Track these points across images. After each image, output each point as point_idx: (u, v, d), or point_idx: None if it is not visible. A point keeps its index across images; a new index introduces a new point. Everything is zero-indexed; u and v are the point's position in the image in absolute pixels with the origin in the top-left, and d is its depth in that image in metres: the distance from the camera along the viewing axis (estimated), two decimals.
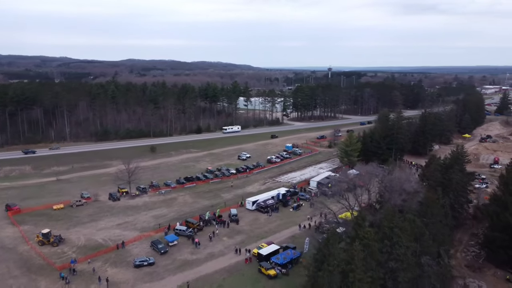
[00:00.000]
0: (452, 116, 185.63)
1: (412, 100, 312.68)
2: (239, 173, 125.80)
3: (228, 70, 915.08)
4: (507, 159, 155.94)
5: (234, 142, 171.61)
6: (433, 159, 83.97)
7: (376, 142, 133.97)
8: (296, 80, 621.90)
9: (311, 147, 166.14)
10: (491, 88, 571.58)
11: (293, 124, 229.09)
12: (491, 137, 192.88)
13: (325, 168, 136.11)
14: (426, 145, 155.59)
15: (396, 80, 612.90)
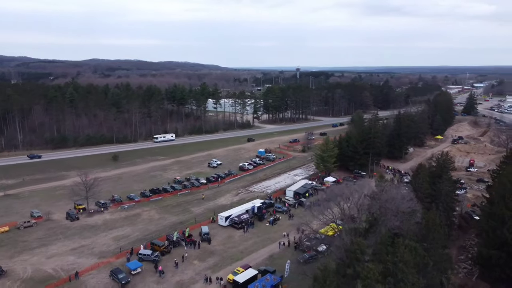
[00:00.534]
0: (425, 117, 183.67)
1: (382, 100, 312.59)
2: (210, 183, 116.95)
3: (196, 70, 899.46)
4: (481, 161, 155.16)
5: (203, 148, 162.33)
6: (421, 169, 78.24)
7: (353, 147, 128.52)
8: (265, 81, 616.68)
9: (284, 151, 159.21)
10: (454, 88, 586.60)
11: (264, 127, 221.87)
12: (463, 138, 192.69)
13: (300, 175, 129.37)
14: (402, 148, 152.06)
15: (363, 80, 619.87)
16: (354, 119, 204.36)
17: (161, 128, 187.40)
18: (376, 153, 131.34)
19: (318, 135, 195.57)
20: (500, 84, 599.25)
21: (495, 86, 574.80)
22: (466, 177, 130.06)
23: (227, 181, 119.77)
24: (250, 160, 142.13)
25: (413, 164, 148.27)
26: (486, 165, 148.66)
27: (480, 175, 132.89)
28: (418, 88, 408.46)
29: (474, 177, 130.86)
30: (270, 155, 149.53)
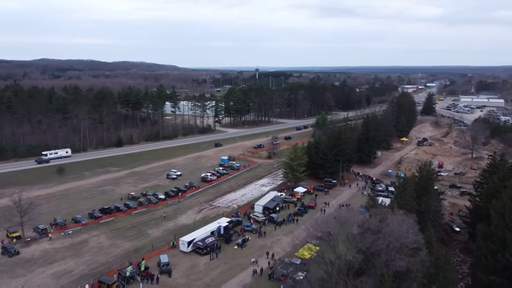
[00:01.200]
0: (390, 119, 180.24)
1: (343, 101, 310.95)
2: (169, 198, 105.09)
3: (153, 70, 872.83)
4: (448, 163, 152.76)
5: (162, 156, 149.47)
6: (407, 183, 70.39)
7: (323, 153, 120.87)
8: (224, 81, 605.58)
9: (249, 159, 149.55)
10: (410, 87, 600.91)
11: (226, 131, 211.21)
12: (427, 139, 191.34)
13: (268, 185, 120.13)
14: (371, 153, 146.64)
15: (321, 80, 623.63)
16: (318, 122, 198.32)
17: (114, 135, 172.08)
18: (347, 159, 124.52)
19: (283, 139, 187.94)
20: (452, 83, 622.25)
21: (448, 86, 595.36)
22: (438, 183, 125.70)
23: (189, 195, 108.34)
24: (213, 170, 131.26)
25: (383, 169, 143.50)
26: (454, 168, 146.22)
27: (451, 180, 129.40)
28: (377, 89, 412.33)
29: (446, 182, 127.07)
30: (234, 163, 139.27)
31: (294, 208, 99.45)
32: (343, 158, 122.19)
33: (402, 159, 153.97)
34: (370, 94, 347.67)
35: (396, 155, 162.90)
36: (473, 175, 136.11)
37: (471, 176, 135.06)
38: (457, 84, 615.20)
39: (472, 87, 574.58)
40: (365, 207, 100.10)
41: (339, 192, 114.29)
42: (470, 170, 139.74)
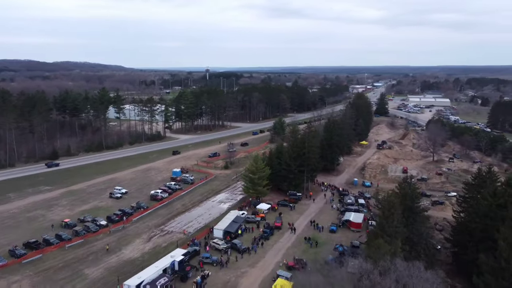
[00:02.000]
0: (350, 122, 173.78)
1: (298, 103, 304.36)
2: (112, 224, 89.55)
3: (97, 71, 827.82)
4: (412, 168, 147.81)
5: (104, 170, 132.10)
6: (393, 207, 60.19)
7: (286, 164, 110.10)
8: (173, 82, 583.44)
9: (204, 170, 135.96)
10: (359, 87, 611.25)
11: (178, 137, 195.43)
12: (386, 142, 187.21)
13: (227, 201, 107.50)
14: (334, 160, 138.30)
15: (272, 80, 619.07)
16: (276, 126, 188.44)
17: (48, 146, 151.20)
18: (312, 169, 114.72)
19: (239, 145, 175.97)
20: (399, 83, 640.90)
21: (395, 86, 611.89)
22: None
23: (136, 218, 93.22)
24: (164, 185, 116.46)
25: (347, 176, 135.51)
26: (418, 173, 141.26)
27: (420, 188, 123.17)
28: (330, 89, 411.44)
29: None
30: (188, 176, 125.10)
31: (258, 230, 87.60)
32: (308, 168, 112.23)
33: (365, 165, 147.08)
34: (324, 95, 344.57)
35: (358, 161, 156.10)
36: (437, 180, 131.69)
37: (436, 182, 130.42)
38: (403, 84, 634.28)
39: (417, 87, 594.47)
40: (336, 224, 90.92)
41: (306, 207, 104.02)
42: (435, 176, 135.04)
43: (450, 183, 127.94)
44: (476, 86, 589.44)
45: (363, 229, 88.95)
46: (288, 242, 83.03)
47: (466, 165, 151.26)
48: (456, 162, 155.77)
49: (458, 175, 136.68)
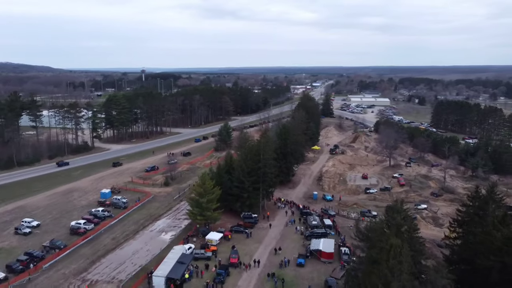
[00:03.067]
0: (303, 126, 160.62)
1: (241, 105, 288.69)
2: (14, 276, 67.07)
3: (20, 72, 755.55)
4: (372, 175, 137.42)
5: (13, 195, 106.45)
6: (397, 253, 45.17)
7: (239, 181, 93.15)
8: (106, 84, 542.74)
9: (140, 188, 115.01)
10: (299, 87, 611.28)
11: (109, 148, 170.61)
12: (338, 146, 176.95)
13: (169, 229, 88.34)
14: (289, 171, 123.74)
15: (212, 81, 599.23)
16: (222, 132, 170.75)
17: None
18: (268, 185, 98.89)
19: (181, 155, 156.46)
20: (337, 83, 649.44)
21: (334, 86, 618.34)
22: (372, 205, 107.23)
23: (47, 264, 71.19)
24: (89, 212, 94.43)
25: (305, 189, 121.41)
26: (378, 180, 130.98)
27: (384, 199, 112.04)
28: (272, 90, 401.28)
29: (380, 203, 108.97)
30: (120, 198, 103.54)
31: (210, 270, 69.70)
32: (264, 185, 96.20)
33: (322, 174, 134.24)
34: (266, 97, 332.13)
35: (313, 169, 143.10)
36: (400, 189, 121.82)
37: (399, 191, 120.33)
38: (342, 84, 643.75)
39: (355, 87, 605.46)
40: (303, 255, 75.68)
41: (264, 232, 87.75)
42: (397, 184, 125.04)
43: (414, 192, 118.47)
44: (409, 85, 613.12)
45: (336, 259, 74.73)
46: (249, 285, 66.27)
47: (425, 169, 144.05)
48: (413, 166, 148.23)
49: (419, 182, 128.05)
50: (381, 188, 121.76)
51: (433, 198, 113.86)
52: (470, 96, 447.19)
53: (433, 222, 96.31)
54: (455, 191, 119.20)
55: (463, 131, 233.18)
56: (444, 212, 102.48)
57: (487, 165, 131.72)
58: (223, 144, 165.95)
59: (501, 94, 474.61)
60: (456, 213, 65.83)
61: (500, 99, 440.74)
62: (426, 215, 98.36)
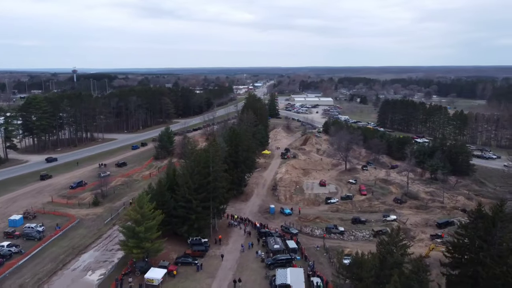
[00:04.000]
0: (254, 130, 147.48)
1: (183, 107, 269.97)
2: None
3: None
4: (328, 180, 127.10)
5: None
6: None
7: (185, 200, 77.27)
8: (32, 85, 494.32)
9: (62, 210, 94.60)
10: (242, 88, 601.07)
11: (27, 160, 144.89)
12: (290, 150, 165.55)
13: (97, 267, 70.20)
14: (242, 182, 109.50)
15: (150, 82, 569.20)
16: (163, 138, 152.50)
17: None
18: (219, 202, 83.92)
19: (114, 166, 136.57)
20: (279, 83, 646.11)
21: (276, 86, 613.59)
22: (336, 218, 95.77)
23: None
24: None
25: (259, 201, 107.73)
26: (337, 188, 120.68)
27: (348, 210, 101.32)
28: (215, 91, 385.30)
29: (344, 214, 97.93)
30: (34, 226, 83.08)
31: None
32: (215, 202, 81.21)
33: (276, 182, 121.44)
34: (210, 97, 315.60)
35: (265, 176, 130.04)
36: (362, 197, 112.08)
37: (361, 199, 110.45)
38: (284, 83, 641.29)
39: (297, 86, 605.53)
40: None
41: (217, 261, 72.50)
42: (358, 191, 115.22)
43: (377, 199, 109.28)
44: (348, 85, 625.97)
45: None
46: None
47: (382, 173, 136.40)
48: (370, 170, 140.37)
49: (380, 188, 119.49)
50: (342, 196, 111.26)
51: (398, 206, 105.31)
52: (407, 95, 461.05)
53: (404, 235, 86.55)
54: (418, 196, 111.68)
55: (409, 130, 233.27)
56: (413, 222, 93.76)
57: (445, 167, 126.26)
58: (164, 151, 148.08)
59: (434, 92, 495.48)
60: (454, 236, 55.07)
61: (434, 97, 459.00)
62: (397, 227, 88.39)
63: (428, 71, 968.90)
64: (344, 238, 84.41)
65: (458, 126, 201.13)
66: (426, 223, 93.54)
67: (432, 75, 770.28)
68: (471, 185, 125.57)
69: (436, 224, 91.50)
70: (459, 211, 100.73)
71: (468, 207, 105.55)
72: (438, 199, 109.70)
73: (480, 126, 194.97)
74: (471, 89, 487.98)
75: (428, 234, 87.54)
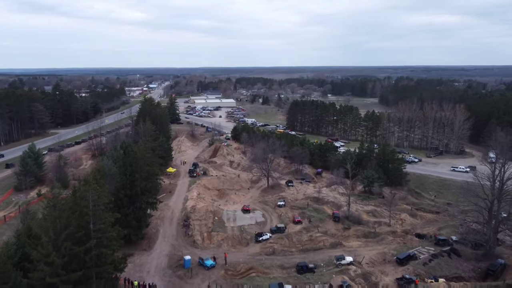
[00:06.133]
0: (152, 144, 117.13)
1: (62, 114, 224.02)
2: None
3: None
4: (251, 203, 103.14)
5: None
6: None
7: (52, 274, 45.98)
8: None
9: None
10: (136, 89, 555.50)
11: None
12: (198, 165, 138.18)
13: None
14: (142, 222, 79.52)
15: (25, 84, 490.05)
16: (25, 158, 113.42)
17: None
18: (108, 274, 53.92)
19: None
20: (176, 84, 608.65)
21: (173, 87, 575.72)
22: (275, 266, 71.51)
23: None
24: None
25: (168, 248, 78.85)
26: (265, 215, 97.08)
27: (286, 249, 77.94)
28: (103, 93, 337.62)
29: (284, 258, 74.29)
30: None
31: None
32: (101, 282, 51.23)
33: (187, 215, 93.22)
34: (97, 101, 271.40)
35: (173, 206, 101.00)
36: (297, 227, 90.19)
37: (296, 230, 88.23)
38: (181, 84, 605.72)
39: (196, 88, 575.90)
40: None
41: None
42: (291, 223, 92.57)
43: (316, 228, 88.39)
44: (247, 85, 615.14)
45: None
46: None
47: (311, 189, 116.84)
48: (296, 185, 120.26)
49: (314, 210, 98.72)
50: (272, 229, 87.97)
51: (343, 235, 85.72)
52: (305, 94, 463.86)
53: (365, 284, 66.29)
54: (361, 219, 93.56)
55: (320, 132, 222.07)
56: (368, 260, 74.15)
57: (381, 178, 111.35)
58: (30, 179, 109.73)
59: (328, 91, 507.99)
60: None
61: (329, 95, 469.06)
62: (355, 274, 67.76)
63: (315, 70, 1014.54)
64: None
65: (370, 127, 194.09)
66: (384, 259, 74.78)
67: (320, 75, 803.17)
68: (408, 197, 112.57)
69: (396, 260, 73.18)
70: (413, 236, 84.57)
71: (416, 228, 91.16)
72: (384, 221, 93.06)
73: (392, 126, 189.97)
74: (361, 88, 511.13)
75: (391, 276, 68.61)
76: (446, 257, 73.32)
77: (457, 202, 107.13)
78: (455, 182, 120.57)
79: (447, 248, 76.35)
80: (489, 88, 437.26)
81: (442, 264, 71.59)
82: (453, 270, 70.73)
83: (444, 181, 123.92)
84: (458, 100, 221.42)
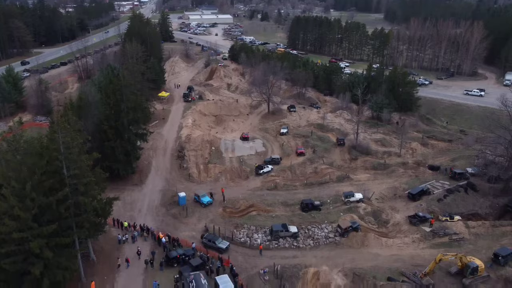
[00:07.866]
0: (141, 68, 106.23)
1: (46, 32, 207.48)
2: None
3: None
4: (251, 131, 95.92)
5: None
6: None
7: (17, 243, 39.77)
8: None
9: None
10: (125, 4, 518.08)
11: None
12: (193, 88, 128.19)
13: None
14: (131, 157, 72.25)
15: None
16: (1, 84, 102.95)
17: None
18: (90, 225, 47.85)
19: None
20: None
21: (166, 1, 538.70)
22: (278, 203, 65.83)
23: None
24: None
25: (162, 183, 72.81)
26: (265, 143, 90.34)
27: (290, 183, 72.04)
28: (91, 9, 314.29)
29: (287, 194, 68.60)
30: None
31: None
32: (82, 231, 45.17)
33: (181, 144, 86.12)
34: (84, 18, 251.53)
35: (166, 134, 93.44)
36: (300, 158, 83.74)
37: (298, 161, 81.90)
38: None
39: (190, 2, 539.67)
40: None
41: None
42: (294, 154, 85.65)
43: (321, 158, 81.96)
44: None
45: None
46: None
47: (315, 114, 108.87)
48: (299, 110, 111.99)
49: (319, 139, 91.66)
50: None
51: (350, 167, 79.72)
52: (306, 9, 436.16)
53: (375, 222, 61.38)
54: (369, 149, 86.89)
55: (322, 51, 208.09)
56: (378, 195, 68.66)
57: (391, 104, 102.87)
58: (9, 106, 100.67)
59: (331, 6, 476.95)
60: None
61: (332, 11, 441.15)
62: (365, 212, 62.47)
63: None
64: (300, 244, 55.89)
65: (377, 46, 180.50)
66: (394, 194, 69.38)
67: None
68: (419, 124, 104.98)
69: (408, 195, 67.79)
70: (426, 168, 78.49)
71: (427, 158, 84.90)
72: (394, 151, 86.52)
73: (401, 45, 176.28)
74: (365, 2, 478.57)
75: (403, 213, 63.68)
76: (463, 193, 67.70)
77: (471, 129, 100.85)
78: (469, 108, 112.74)
79: (463, 182, 70.44)
80: (501, 1, 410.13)
81: (458, 200, 66.27)
82: (470, 206, 65.59)
83: (457, 106, 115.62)
84: (470, 16, 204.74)
